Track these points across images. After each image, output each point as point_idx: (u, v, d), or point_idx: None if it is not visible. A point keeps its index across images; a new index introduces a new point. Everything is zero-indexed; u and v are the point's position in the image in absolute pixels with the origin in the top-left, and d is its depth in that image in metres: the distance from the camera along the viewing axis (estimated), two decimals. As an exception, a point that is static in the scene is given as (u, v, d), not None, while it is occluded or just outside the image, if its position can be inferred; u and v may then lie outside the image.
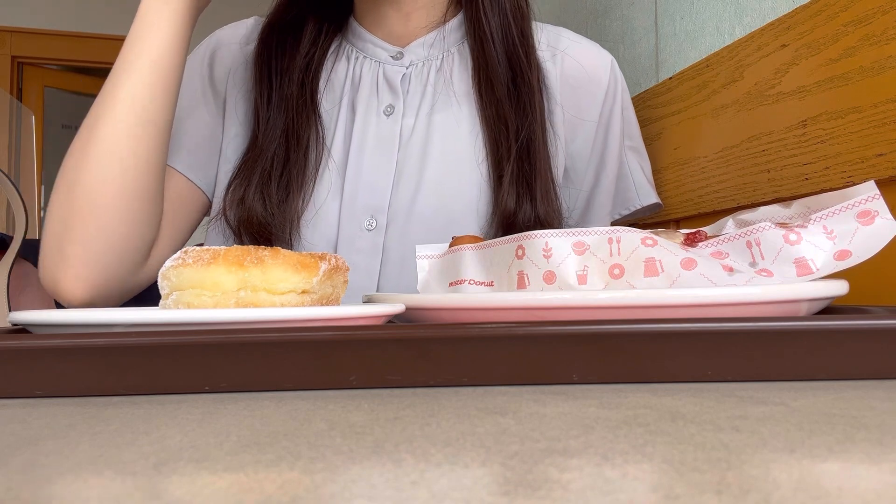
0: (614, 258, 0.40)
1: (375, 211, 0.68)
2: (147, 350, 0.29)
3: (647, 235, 0.39)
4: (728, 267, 0.38)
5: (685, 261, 0.38)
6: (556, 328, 0.29)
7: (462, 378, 0.29)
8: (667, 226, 0.84)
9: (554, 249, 0.41)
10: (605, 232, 0.40)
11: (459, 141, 0.69)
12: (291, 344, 0.29)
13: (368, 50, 0.73)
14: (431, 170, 0.68)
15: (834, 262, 0.37)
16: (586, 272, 0.40)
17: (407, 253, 0.67)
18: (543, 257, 0.41)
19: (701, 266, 0.38)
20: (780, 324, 0.29)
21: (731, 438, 0.20)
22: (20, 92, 3.57)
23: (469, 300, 0.38)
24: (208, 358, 0.29)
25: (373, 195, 0.68)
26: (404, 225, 0.68)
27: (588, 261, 0.40)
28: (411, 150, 0.69)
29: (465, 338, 0.29)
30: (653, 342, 0.29)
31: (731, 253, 0.39)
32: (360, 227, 0.67)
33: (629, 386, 0.29)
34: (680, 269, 0.38)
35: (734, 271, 0.37)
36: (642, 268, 0.39)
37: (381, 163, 0.69)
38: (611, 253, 0.40)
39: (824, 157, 0.59)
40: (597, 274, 0.40)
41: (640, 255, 0.39)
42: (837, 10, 0.58)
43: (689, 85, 0.78)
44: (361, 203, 0.68)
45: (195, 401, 0.27)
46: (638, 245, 0.39)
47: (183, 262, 0.35)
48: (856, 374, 0.29)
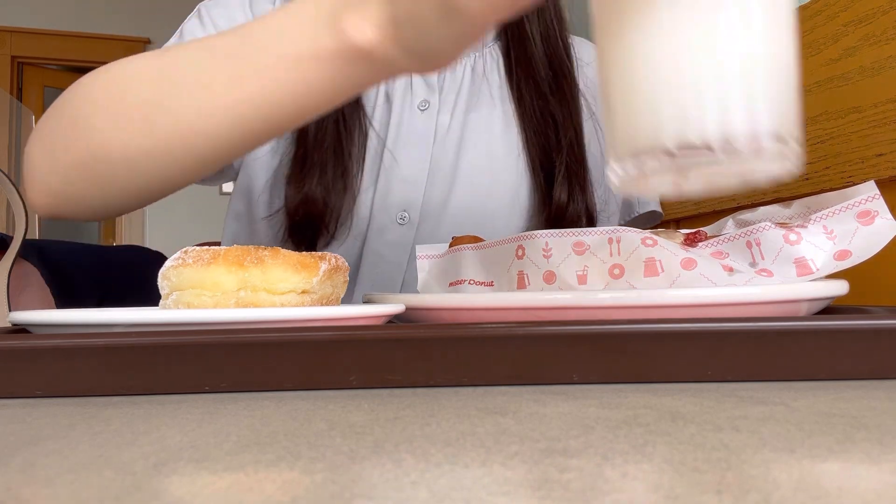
0: (614, 258, 0.40)
1: (409, 205, 0.68)
2: (147, 350, 0.29)
3: (647, 235, 0.39)
4: (728, 267, 0.38)
5: (685, 261, 0.38)
6: (556, 328, 0.29)
7: (462, 378, 0.29)
8: (667, 226, 0.84)
9: (554, 249, 0.41)
10: (604, 232, 0.40)
11: (495, 139, 0.69)
12: (291, 344, 0.29)
13: None
14: (466, 167, 0.68)
15: (834, 262, 0.37)
16: (586, 272, 0.40)
17: None
18: (543, 257, 0.41)
19: (701, 266, 0.38)
20: (780, 324, 0.29)
21: (731, 438, 0.20)
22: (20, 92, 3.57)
23: (469, 300, 0.38)
24: (208, 358, 0.29)
25: (407, 189, 0.68)
26: (437, 221, 0.68)
27: (588, 261, 0.40)
28: (447, 147, 0.69)
29: (465, 338, 0.29)
30: (653, 342, 0.29)
31: (731, 253, 0.39)
32: (392, 219, 0.68)
33: (629, 386, 0.29)
34: (680, 269, 0.38)
35: (734, 271, 0.37)
36: (642, 268, 0.39)
37: (416, 158, 0.68)
38: (611, 253, 0.40)
39: (824, 157, 0.59)
40: (597, 274, 0.40)
41: (640, 255, 0.39)
42: (837, 10, 0.58)
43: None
44: (395, 196, 0.68)
45: (195, 401, 0.27)
46: (638, 245, 0.39)
47: (183, 262, 0.35)
48: (856, 374, 0.29)
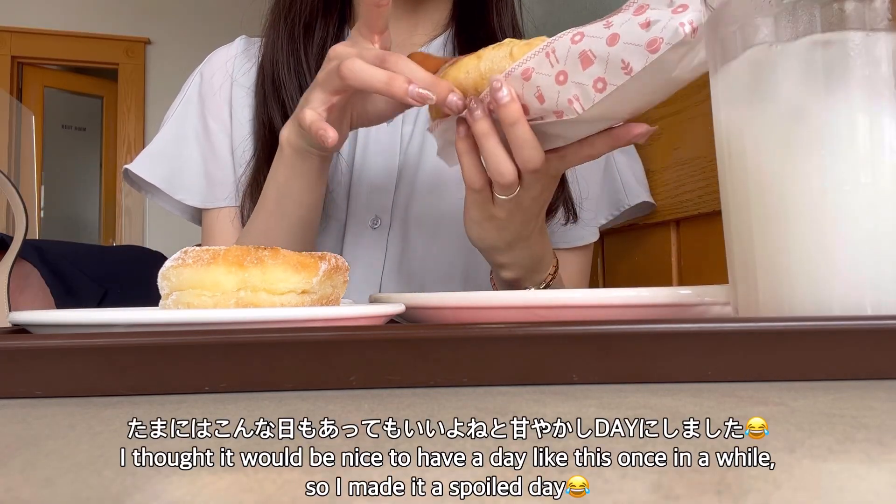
0: (556, 67, 0.43)
1: (380, 210, 0.73)
2: (147, 350, 0.29)
3: (574, 33, 0.42)
4: (645, 23, 0.40)
5: (609, 38, 0.40)
6: (556, 328, 0.29)
7: (462, 378, 0.29)
8: (667, 226, 0.84)
9: (505, 89, 0.45)
10: (540, 50, 0.43)
11: None
12: (291, 344, 0.29)
13: None
14: (425, 176, 0.73)
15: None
16: (540, 91, 0.44)
17: (406, 251, 0.73)
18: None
19: (623, 37, 0.40)
20: (780, 324, 0.29)
21: (731, 439, 0.20)
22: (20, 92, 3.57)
23: (469, 300, 0.38)
24: (208, 358, 0.29)
25: (377, 196, 0.73)
26: (403, 225, 0.73)
27: (537, 81, 0.44)
28: (410, 156, 0.74)
29: (465, 338, 0.29)
30: (653, 342, 0.29)
31: (651, 2, 0.41)
32: (366, 224, 0.73)
33: (629, 386, 0.29)
34: (607, 48, 0.40)
35: (650, 24, 0.39)
36: (579, 63, 0.42)
37: (384, 167, 0.73)
38: (551, 64, 0.43)
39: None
40: (548, 89, 0.43)
41: (573, 53, 0.42)
42: (837, 10, 0.58)
43: (689, 85, 0.78)
44: (367, 202, 0.73)
45: (195, 401, 0.27)
46: (569, 45, 0.42)
47: (183, 263, 0.35)
48: (856, 374, 0.29)
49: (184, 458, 0.19)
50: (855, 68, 0.31)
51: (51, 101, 3.76)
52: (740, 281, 0.33)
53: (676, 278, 0.84)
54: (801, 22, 0.31)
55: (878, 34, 0.31)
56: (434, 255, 0.73)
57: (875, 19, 0.31)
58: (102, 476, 0.18)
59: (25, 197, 0.72)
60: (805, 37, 0.31)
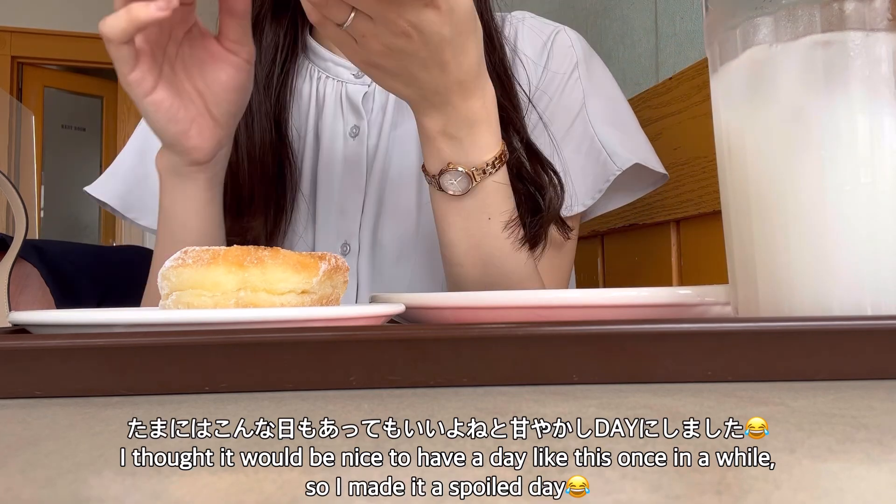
0: None
1: (348, 236, 0.69)
2: (147, 350, 0.29)
3: None
4: None
5: None
6: (556, 328, 0.29)
7: (462, 378, 0.29)
8: (667, 226, 0.84)
9: None
10: None
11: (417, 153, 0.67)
12: (291, 344, 0.29)
13: (330, 69, 0.72)
14: (391, 192, 0.69)
15: None
16: None
17: (375, 276, 0.69)
18: None
19: None
20: (780, 324, 0.29)
21: (731, 439, 0.20)
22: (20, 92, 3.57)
23: (469, 300, 0.38)
24: (208, 358, 0.29)
25: (343, 221, 0.69)
26: (371, 250, 0.69)
27: None
28: (375, 171, 0.70)
29: (465, 338, 0.29)
30: (653, 342, 0.29)
31: None
32: (335, 251, 0.68)
33: (629, 386, 0.29)
34: None
35: None
36: None
37: (351, 187, 0.69)
38: None
39: None
40: None
41: None
42: (837, 10, 0.58)
43: (689, 85, 0.78)
44: (334, 229, 0.69)
45: (195, 401, 0.27)
46: None
47: (183, 263, 0.35)
48: (856, 374, 0.29)
49: (184, 459, 0.19)
50: (855, 68, 0.31)
51: (51, 101, 3.76)
52: (740, 281, 0.33)
53: (676, 278, 0.84)
54: (801, 22, 0.31)
55: (878, 34, 0.31)
56: (401, 277, 0.70)
57: (875, 19, 0.31)
58: (102, 476, 0.18)
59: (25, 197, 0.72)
60: (805, 37, 0.31)
